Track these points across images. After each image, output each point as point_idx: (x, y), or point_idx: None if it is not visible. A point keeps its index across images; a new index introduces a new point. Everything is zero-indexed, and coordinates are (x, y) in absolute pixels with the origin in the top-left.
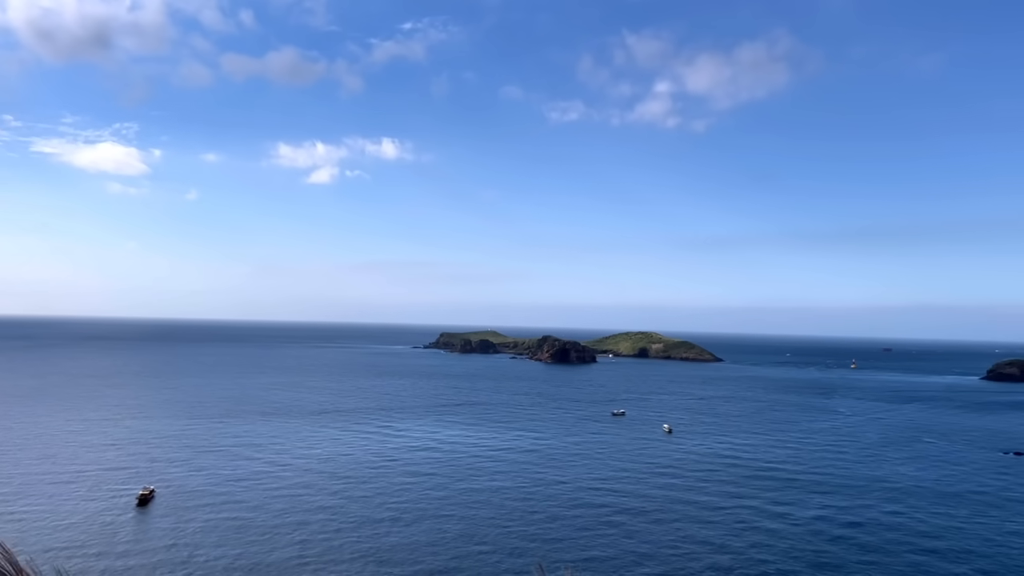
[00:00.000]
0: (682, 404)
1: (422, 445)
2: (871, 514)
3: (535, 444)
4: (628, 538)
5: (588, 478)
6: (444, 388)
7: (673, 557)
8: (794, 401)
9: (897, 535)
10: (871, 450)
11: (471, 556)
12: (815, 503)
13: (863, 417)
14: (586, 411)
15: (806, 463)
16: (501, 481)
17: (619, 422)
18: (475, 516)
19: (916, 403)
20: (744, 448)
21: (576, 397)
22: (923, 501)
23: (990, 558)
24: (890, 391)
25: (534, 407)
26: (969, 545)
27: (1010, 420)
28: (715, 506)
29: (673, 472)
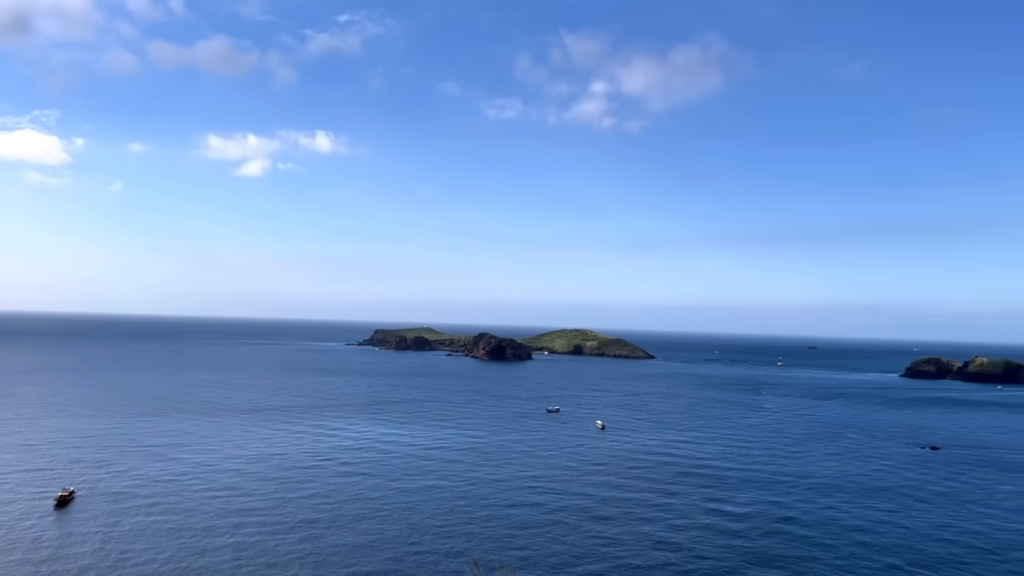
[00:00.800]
0: (615, 401)
1: (356, 444)
2: (801, 508)
3: (470, 442)
4: (564, 536)
5: (523, 476)
6: (379, 386)
7: (609, 554)
8: (724, 397)
9: (827, 528)
10: (798, 445)
11: (407, 557)
12: (746, 498)
13: (789, 413)
14: (521, 408)
15: (736, 458)
16: (436, 480)
17: (554, 419)
18: (411, 516)
19: (839, 399)
20: (676, 444)
21: (512, 394)
22: (849, 495)
23: (916, 550)
24: (815, 388)
25: (470, 405)
26: (895, 536)
27: (926, 415)
28: (649, 502)
29: (607, 469)
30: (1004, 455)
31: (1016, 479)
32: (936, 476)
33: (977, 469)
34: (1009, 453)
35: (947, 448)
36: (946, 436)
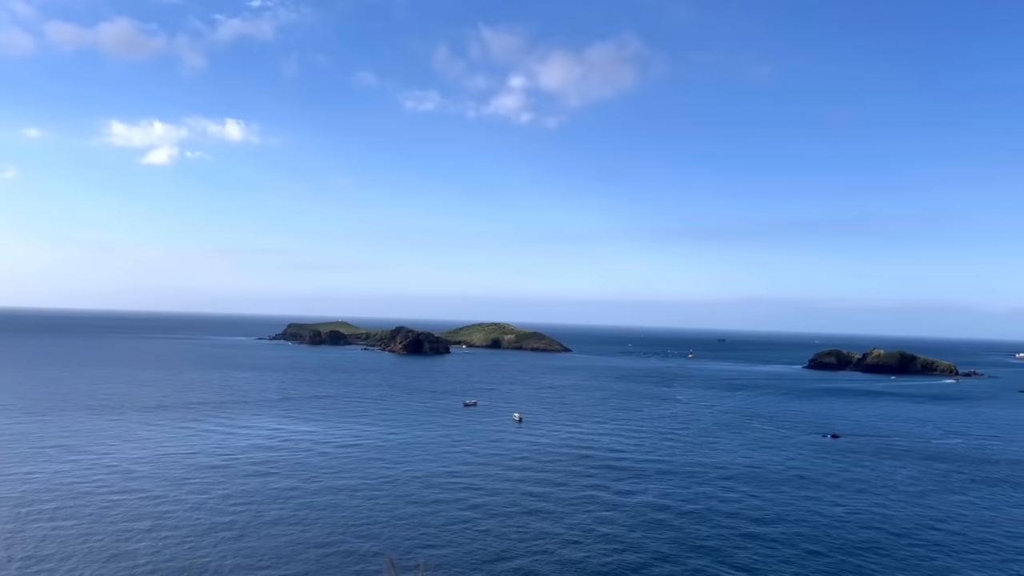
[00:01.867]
0: (532, 394)
1: (269, 442)
2: (715, 497)
3: (387, 438)
4: (482, 532)
5: (440, 471)
6: (291, 381)
7: (530, 549)
8: (637, 389)
9: (742, 516)
10: (708, 435)
11: (326, 559)
12: (660, 488)
13: (700, 404)
14: (439, 402)
15: (650, 450)
16: (353, 478)
17: (471, 412)
18: (328, 516)
19: (747, 390)
20: (591, 436)
21: (429, 388)
22: (759, 483)
23: (830, 536)
24: (724, 379)
25: (386, 399)
26: (801, 523)
27: (828, 405)
28: (565, 495)
29: (525, 462)
30: (899, 442)
31: (911, 465)
32: (838, 464)
33: (875, 457)
34: (903, 440)
35: (847, 436)
36: (846, 425)
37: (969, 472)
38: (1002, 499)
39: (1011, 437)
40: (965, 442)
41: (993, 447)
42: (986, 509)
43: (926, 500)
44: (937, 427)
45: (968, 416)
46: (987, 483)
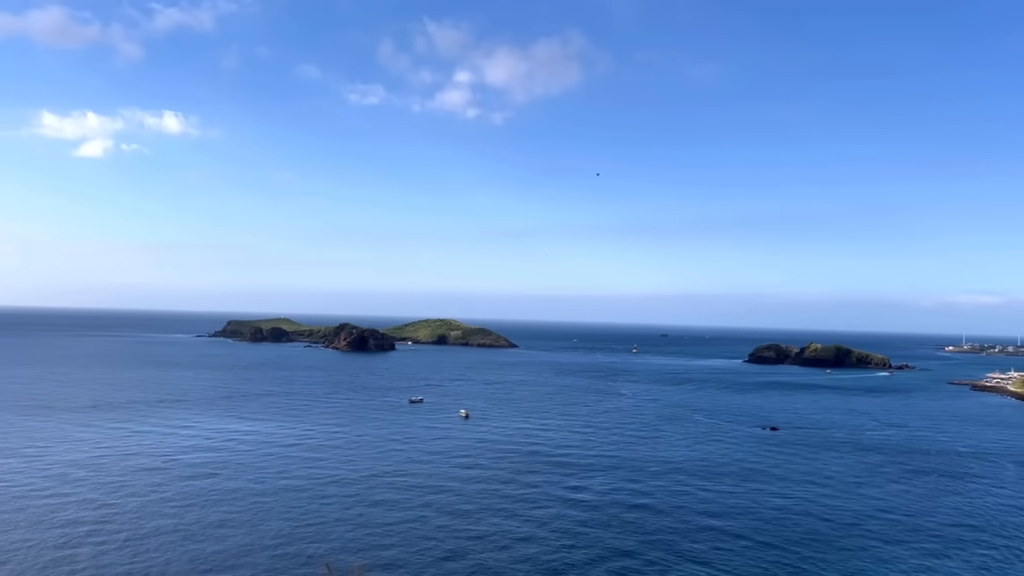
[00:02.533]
0: (479, 390)
1: (209, 442)
2: (659, 491)
3: (331, 436)
4: (431, 531)
5: (386, 469)
6: (232, 379)
7: (477, 547)
8: (583, 384)
9: (683, 510)
10: (651, 429)
11: (266, 564)
12: (607, 483)
13: (644, 398)
14: (384, 400)
15: (596, 444)
16: (295, 478)
17: (417, 409)
18: (271, 518)
19: (689, 384)
20: (538, 431)
21: (374, 385)
22: (700, 476)
23: (764, 531)
24: (667, 373)
25: (330, 397)
26: (744, 515)
27: (767, 398)
28: (514, 491)
29: (472, 459)
30: (835, 434)
31: (847, 457)
32: (778, 456)
33: (813, 448)
34: (840, 432)
35: (786, 429)
36: (785, 418)
37: (902, 463)
38: (935, 488)
39: (942, 428)
40: (899, 433)
41: (925, 438)
42: (920, 499)
43: (862, 490)
44: (872, 419)
45: (901, 408)
46: (920, 473)
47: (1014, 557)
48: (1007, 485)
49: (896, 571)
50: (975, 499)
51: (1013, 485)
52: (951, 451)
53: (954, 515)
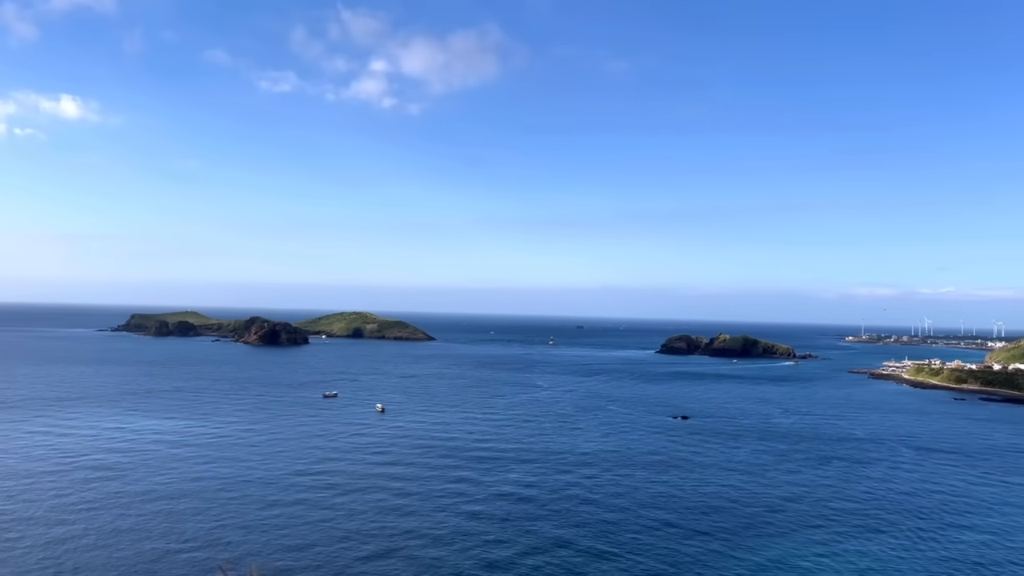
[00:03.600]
0: (395, 383)
1: (111, 441)
2: (574, 483)
3: (242, 434)
4: (347, 531)
5: (299, 465)
6: (136, 375)
7: (395, 545)
8: (500, 377)
9: (599, 501)
10: (568, 420)
11: (171, 570)
12: (525, 475)
13: (560, 389)
14: (297, 395)
15: (513, 436)
16: (204, 479)
17: (331, 404)
18: (176, 519)
19: (604, 375)
20: (456, 424)
21: (286, 381)
22: (615, 466)
23: (678, 518)
24: (583, 365)
25: (240, 393)
26: (662, 501)
27: (678, 388)
28: (432, 487)
29: (388, 454)
30: (743, 422)
31: (754, 444)
32: (689, 444)
33: (722, 436)
34: (747, 420)
35: (697, 417)
36: (696, 406)
37: (808, 449)
38: (838, 474)
39: (843, 415)
40: (803, 421)
41: (828, 425)
42: (825, 484)
43: (771, 476)
44: (779, 407)
45: (806, 396)
46: (824, 459)
47: (915, 536)
48: (903, 469)
49: (806, 553)
50: (875, 483)
51: (909, 468)
52: (852, 437)
53: (856, 499)
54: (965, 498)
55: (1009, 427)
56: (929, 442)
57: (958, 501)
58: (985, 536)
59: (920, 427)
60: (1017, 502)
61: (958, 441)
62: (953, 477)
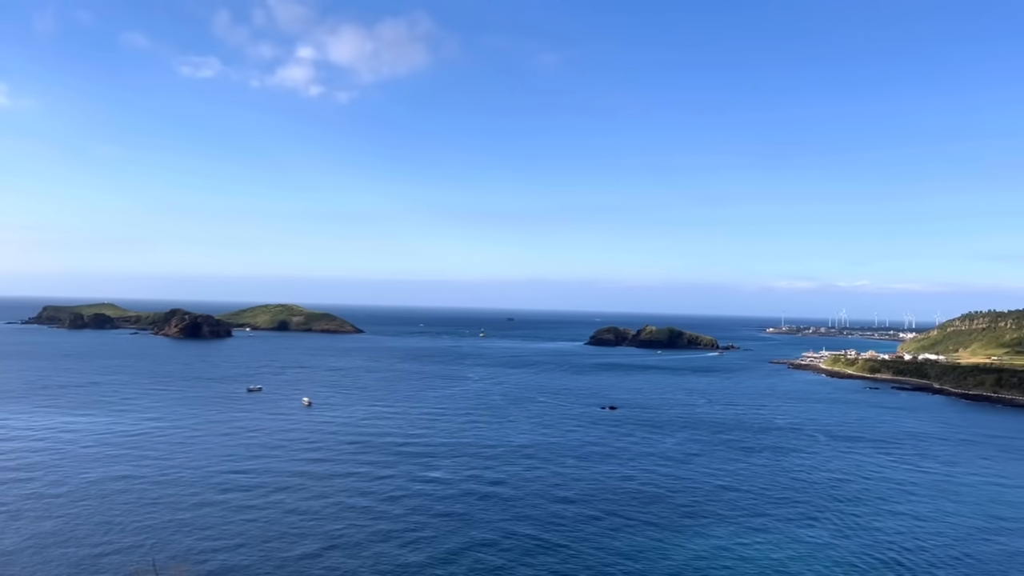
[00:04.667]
0: (322, 377)
1: (24, 436)
2: (505, 472)
3: (162, 428)
4: (274, 529)
5: (224, 463)
6: (49, 369)
7: (327, 544)
8: (430, 370)
9: (534, 489)
10: (497, 412)
11: (85, 568)
12: (458, 467)
13: (490, 381)
14: (220, 389)
15: (444, 429)
16: (124, 474)
17: (256, 398)
18: (90, 522)
19: (534, 367)
20: (385, 418)
21: (209, 374)
22: (545, 457)
23: (612, 507)
24: (513, 357)
25: (160, 387)
26: (591, 491)
27: (606, 379)
28: (362, 482)
29: (315, 449)
30: (668, 412)
31: (678, 434)
32: (616, 434)
33: (648, 426)
34: (672, 410)
35: (624, 408)
36: (623, 397)
37: (731, 438)
38: (760, 461)
39: (764, 404)
40: (726, 410)
41: (750, 414)
42: (747, 471)
43: (696, 465)
44: (703, 397)
45: (729, 386)
46: (746, 447)
47: (831, 519)
48: (823, 456)
49: (740, 540)
50: (794, 469)
51: (828, 456)
52: (774, 426)
53: (778, 485)
54: (882, 482)
55: (919, 415)
56: (846, 430)
57: (876, 485)
58: (902, 516)
59: (837, 416)
60: (928, 484)
61: (873, 429)
62: (870, 463)
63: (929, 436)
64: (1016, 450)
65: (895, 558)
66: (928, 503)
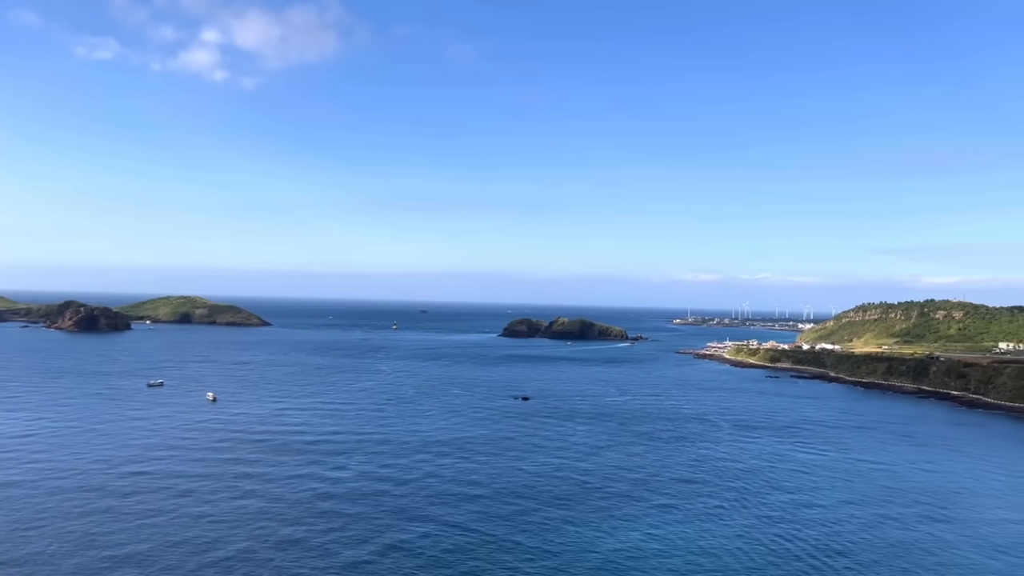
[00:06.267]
0: (228, 371)
1: None
2: (420, 466)
3: (57, 428)
4: (179, 532)
5: (126, 464)
6: None
7: (233, 546)
8: (340, 363)
9: (447, 481)
10: (411, 405)
11: None
12: (368, 462)
13: (403, 374)
14: (118, 384)
15: (355, 424)
16: (11, 481)
17: (157, 394)
18: None
19: (447, 359)
20: (295, 412)
21: (107, 369)
22: (459, 448)
23: (526, 496)
24: (426, 349)
25: (53, 383)
26: (504, 482)
27: (519, 370)
28: (275, 478)
29: (224, 446)
30: (580, 403)
31: (589, 424)
32: (529, 424)
33: (561, 417)
34: (584, 401)
35: (537, 399)
36: (535, 387)
37: (640, 427)
38: (668, 449)
39: (671, 394)
40: (635, 400)
41: (658, 403)
42: (656, 459)
43: (607, 454)
44: (613, 387)
45: (638, 376)
46: (655, 435)
47: (737, 503)
48: (728, 443)
49: (644, 526)
50: (702, 458)
51: (732, 443)
52: (681, 415)
53: (685, 471)
54: (783, 467)
55: (816, 403)
56: (749, 418)
57: (777, 470)
58: (802, 500)
59: (740, 404)
60: (825, 468)
61: (774, 417)
62: (772, 449)
63: (825, 423)
64: (905, 435)
65: (796, 536)
66: (827, 487)
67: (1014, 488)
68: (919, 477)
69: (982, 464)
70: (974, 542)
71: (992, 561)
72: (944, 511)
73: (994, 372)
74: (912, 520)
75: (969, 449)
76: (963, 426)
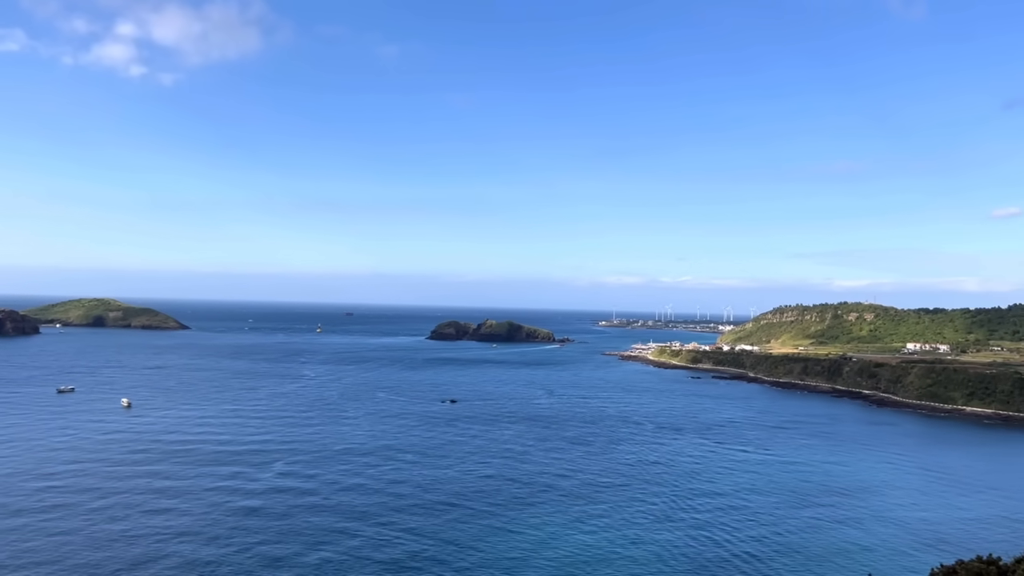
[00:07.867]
0: (142, 376)
1: None
2: (347, 469)
3: None
4: (101, 533)
5: (37, 471)
6: None
7: (159, 546)
8: (262, 368)
9: (373, 487)
10: (335, 410)
11: None
12: (293, 466)
13: (328, 378)
14: (25, 391)
15: (277, 430)
16: None
17: (68, 400)
18: None
19: (374, 362)
20: (213, 418)
21: (12, 375)
22: (385, 453)
23: (453, 496)
24: (352, 352)
25: None
26: (433, 485)
27: (447, 373)
28: (194, 483)
29: (140, 452)
30: (507, 405)
31: (516, 426)
32: (457, 428)
33: (488, 419)
34: (511, 403)
35: (464, 402)
36: (463, 390)
37: (566, 429)
38: (592, 449)
39: (596, 395)
40: (562, 402)
41: (584, 405)
42: (581, 459)
43: (530, 454)
44: (539, 388)
45: (564, 378)
46: (580, 437)
47: (660, 500)
48: (650, 443)
49: (569, 524)
50: (625, 457)
51: (655, 443)
52: (606, 416)
53: (611, 473)
54: (708, 467)
55: (736, 402)
56: (671, 419)
57: (698, 468)
58: (728, 500)
59: (663, 404)
60: (744, 465)
61: (695, 417)
62: (695, 449)
63: (746, 423)
64: (822, 434)
65: (718, 531)
66: (748, 487)
67: (928, 483)
68: (840, 475)
69: (896, 461)
70: (896, 537)
71: (918, 553)
72: (863, 507)
73: (902, 372)
74: (834, 517)
75: (883, 447)
76: (876, 425)
